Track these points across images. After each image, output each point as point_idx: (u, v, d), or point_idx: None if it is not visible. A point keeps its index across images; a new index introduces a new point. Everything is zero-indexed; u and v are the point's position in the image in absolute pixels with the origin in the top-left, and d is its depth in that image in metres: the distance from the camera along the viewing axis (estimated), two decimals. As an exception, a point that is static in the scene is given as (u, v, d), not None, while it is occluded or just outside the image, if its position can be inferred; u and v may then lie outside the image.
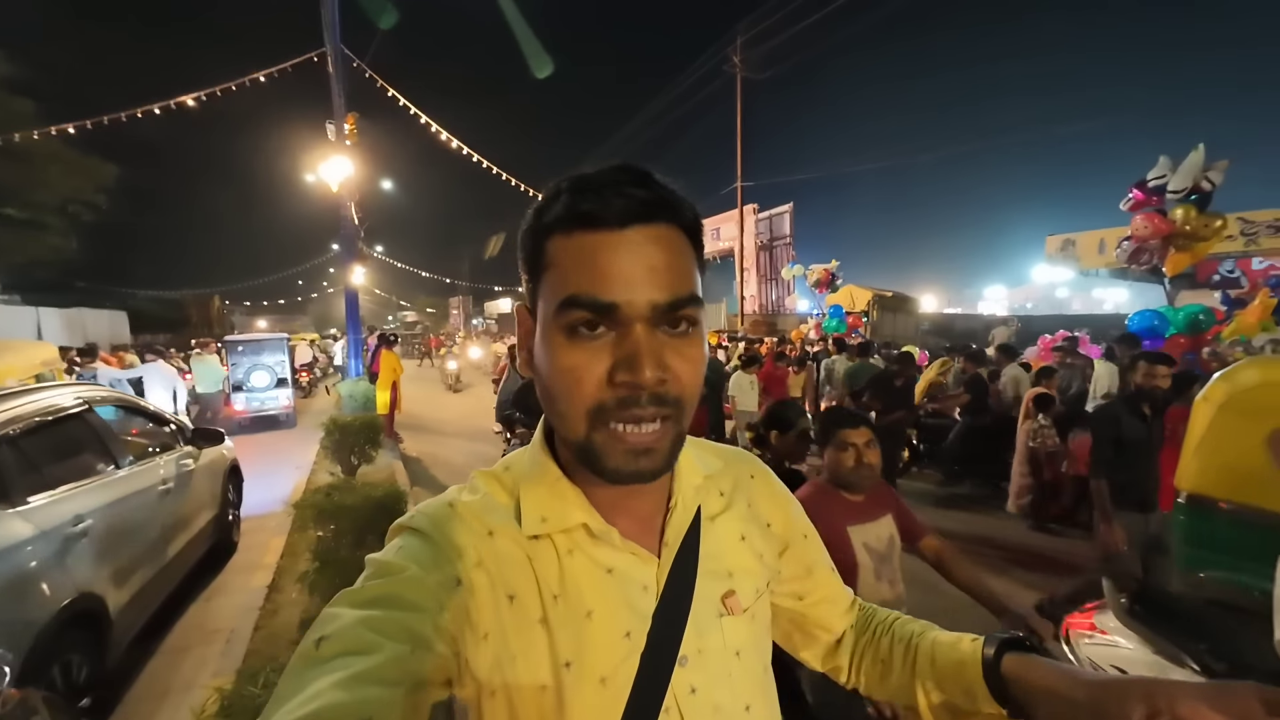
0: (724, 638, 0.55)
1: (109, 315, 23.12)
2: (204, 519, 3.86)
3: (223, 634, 3.13)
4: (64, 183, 19.51)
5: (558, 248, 0.47)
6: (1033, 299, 38.12)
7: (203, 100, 10.59)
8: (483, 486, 0.55)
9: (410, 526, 0.51)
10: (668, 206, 0.48)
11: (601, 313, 0.45)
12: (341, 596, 0.45)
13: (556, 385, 0.47)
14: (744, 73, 16.36)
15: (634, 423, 0.45)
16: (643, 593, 0.52)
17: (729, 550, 0.59)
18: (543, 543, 0.51)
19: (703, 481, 0.59)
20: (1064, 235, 13.27)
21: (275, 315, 54.50)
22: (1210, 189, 5.76)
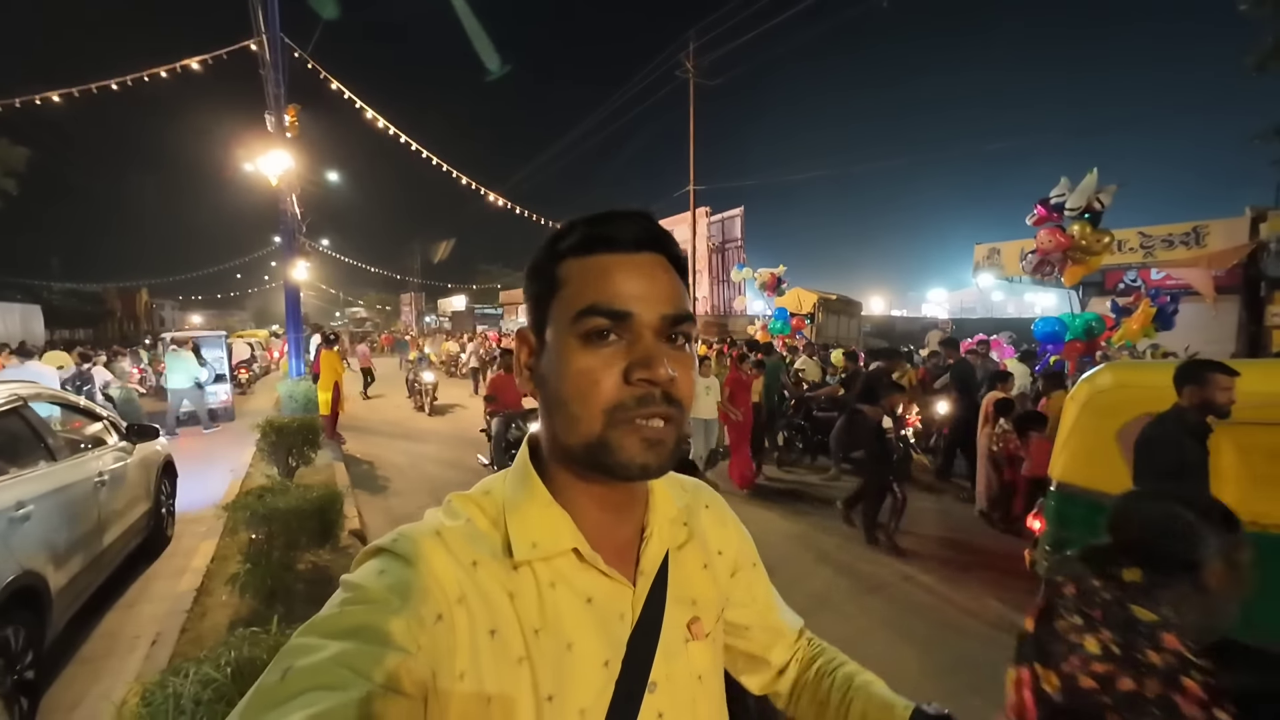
0: (689, 663, 0.57)
1: (20, 309, 21.43)
2: (138, 511, 4.01)
3: (146, 639, 3.08)
4: (-34, 165, 17.94)
5: (574, 268, 0.52)
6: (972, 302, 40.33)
7: (128, 85, 10.01)
8: (463, 512, 0.54)
9: (393, 551, 0.49)
10: (667, 240, 0.55)
11: (617, 320, 0.49)
12: (315, 624, 0.44)
13: (572, 387, 0.50)
14: (697, 78, 16.70)
15: (650, 417, 0.49)
16: (619, 621, 0.54)
17: (693, 578, 0.61)
18: (525, 575, 0.51)
19: (676, 513, 0.62)
20: (990, 244, 14.17)
21: (211, 310, 51.67)
22: (1101, 208, 6.41)
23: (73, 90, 9.67)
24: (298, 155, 10.04)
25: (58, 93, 9.84)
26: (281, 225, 10.11)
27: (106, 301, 36.70)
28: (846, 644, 0.79)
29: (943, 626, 3.37)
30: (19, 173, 19.22)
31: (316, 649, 0.40)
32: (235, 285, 51.79)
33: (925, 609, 3.57)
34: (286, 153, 9.74)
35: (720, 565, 0.67)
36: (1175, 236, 11.23)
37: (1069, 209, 6.45)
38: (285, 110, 9.79)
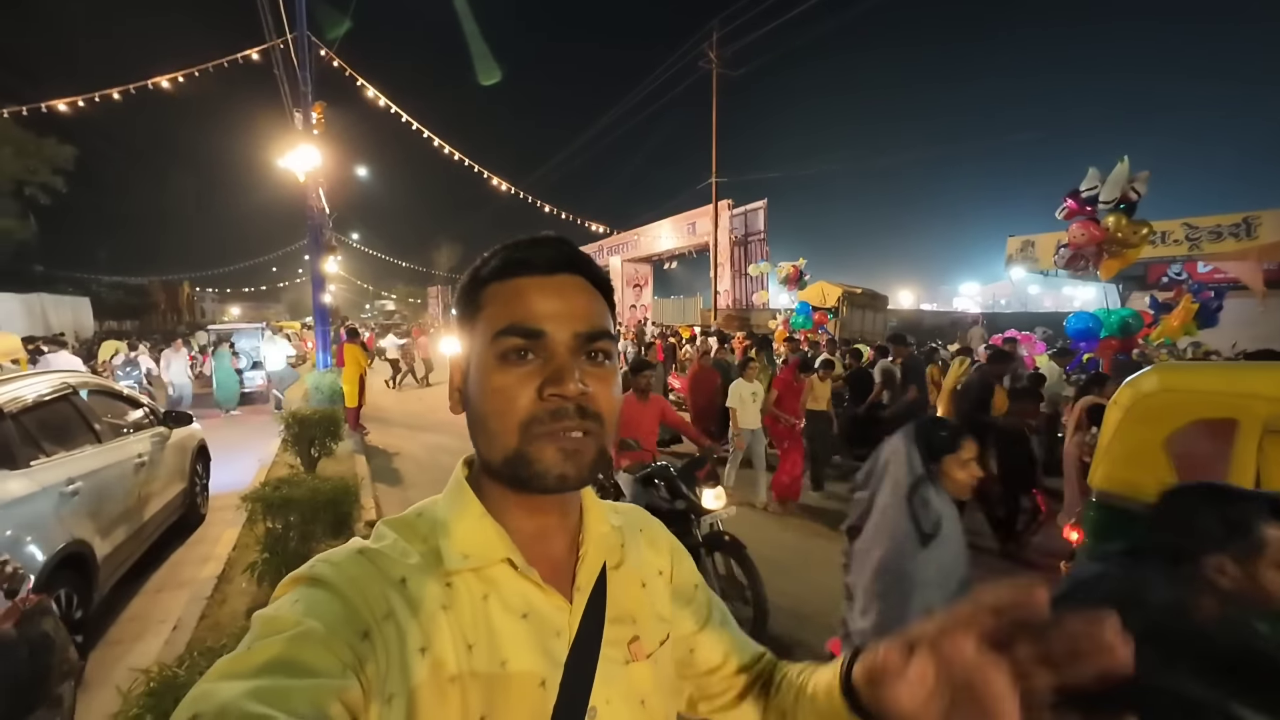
0: (631, 686, 0.56)
1: (71, 302, 22.50)
2: (174, 490, 4.38)
3: (169, 624, 3.21)
4: (15, 163, 18.79)
5: (493, 292, 0.54)
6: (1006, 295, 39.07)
7: (166, 85, 10.36)
8: (390, 534, 0.53)
9: (310, 577, 0.47)
10: (585, 263, 0.56)
11: (532, 339, 0.51)
12: (222, 665, 0.40)
13: (490, 404, 0.51)
14: (720, 69, 16.45)
15: (564, 430, 0.50)
16: (556, 639, 0.53)
17: (632, 597, 0.60)
18: (458, 588, 0.50)
19: (609, 530, 0.61)
20: (1024, 236, 13.68)
21: (248, 303, 53.34)
22: (1136, 198, 6.09)
23: (112, 91, 10.04)
24: (324, 151, 10.25)
25: (100, 94, 10.24)
26: (309, 220, 10.35)
27: (151, 294, 38.28)
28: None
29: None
30: (67, 170, 20.10)
31: (225, 691, 0.37)
32: (271, 278, 53.45)
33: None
34: (314, 149, 9.94)
35: (660, 586, 0.65)
36: (1224, 228, 10.66)
37: (1103, 201, 6.16)
38: (312, 108, 10.01)
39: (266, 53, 9.81)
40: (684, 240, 19.90)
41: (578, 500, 0.60)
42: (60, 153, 19.80)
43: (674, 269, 22.59)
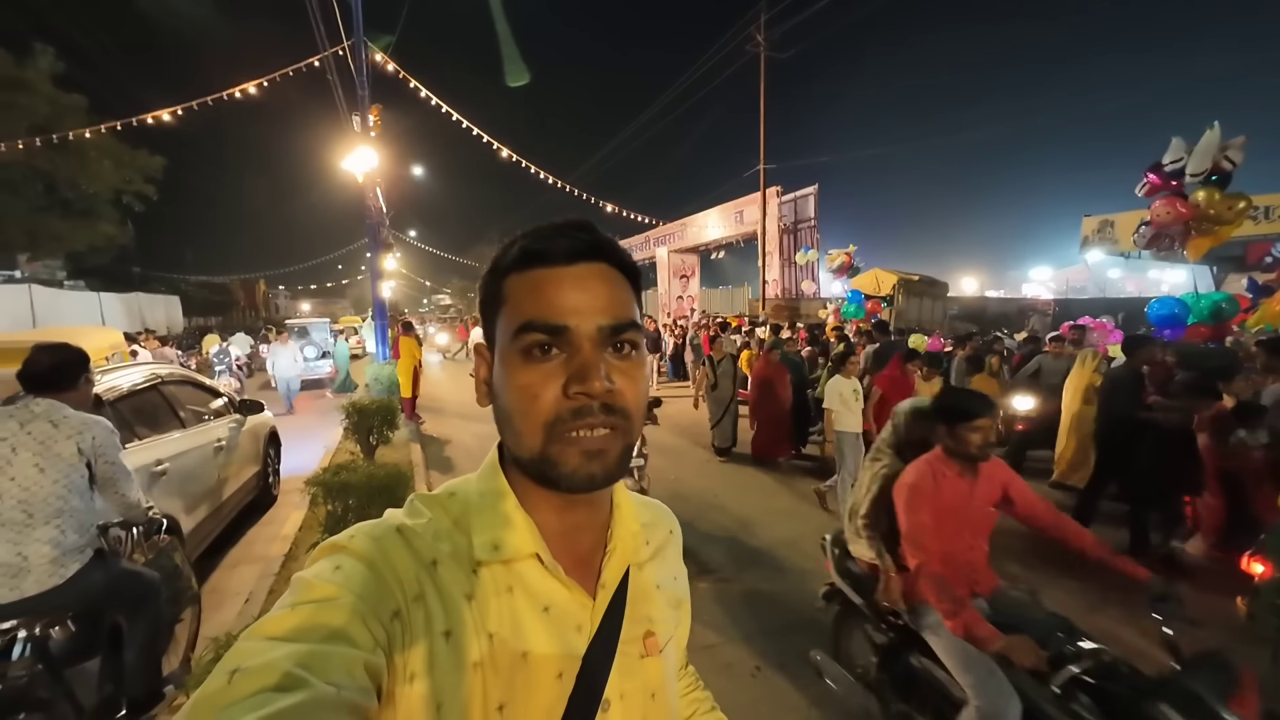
0: (644, 680, 0.57)
1: (164, 300, 24.56)
2: (249, 473, 4.70)
3: (242, 597, 3.47)
4: (115, 174, 20.61)
5: (513, 285, 0.52)
6: (1081, 280, 36.36)
7: (238, 96, 11.06)
8: (426, 511, 0.54)
9: (349, 548, 0.48)
10: (607, 249, 0.54)
11: (554, 334, 0.49)
12: (263, 625, 0.42)
13: (514, 403, 0.50)
14: (768, 52, 16.00)
15: (587, 429, 0.49)
16: (576, 633, 0.53)
17: (650, 595, 0.62)
18: (484, 577, 0.51)
19: (638, 529, 0.62)
20: (1101, 216, 12.66)
21: (317, 298, 56.54)
22: (1230, 169, 5.47)
23: (192, 104, 10.80)
24: (381, 152, 10.69)
25: (182, 106, 11.05)
26: (367, 220, 10.84)
27: (231, 292, 41.23)
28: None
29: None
30: (157, 179, 21.85)
31: (265, 650, 0.39)
32: (336, 275, 56.39)
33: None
34: (371, 150, 10.39)
35: (672, 590, 0.67)
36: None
37: (1191, 174, 5.59)
38: (369, 110, 10.44)
39: (324, 59, 10.29)
40: (731, 229, 19.55)
41: (608, 494, 0.59)
42: (151, 163, 21.53)
43: (721, 259, 22.25)
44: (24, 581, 1.89)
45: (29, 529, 1.91)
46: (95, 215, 21.33)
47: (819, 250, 16.00)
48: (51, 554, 1.94)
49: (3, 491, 1.90)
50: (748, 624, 3.26)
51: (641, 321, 0.56)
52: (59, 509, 1.97)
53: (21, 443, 1.95)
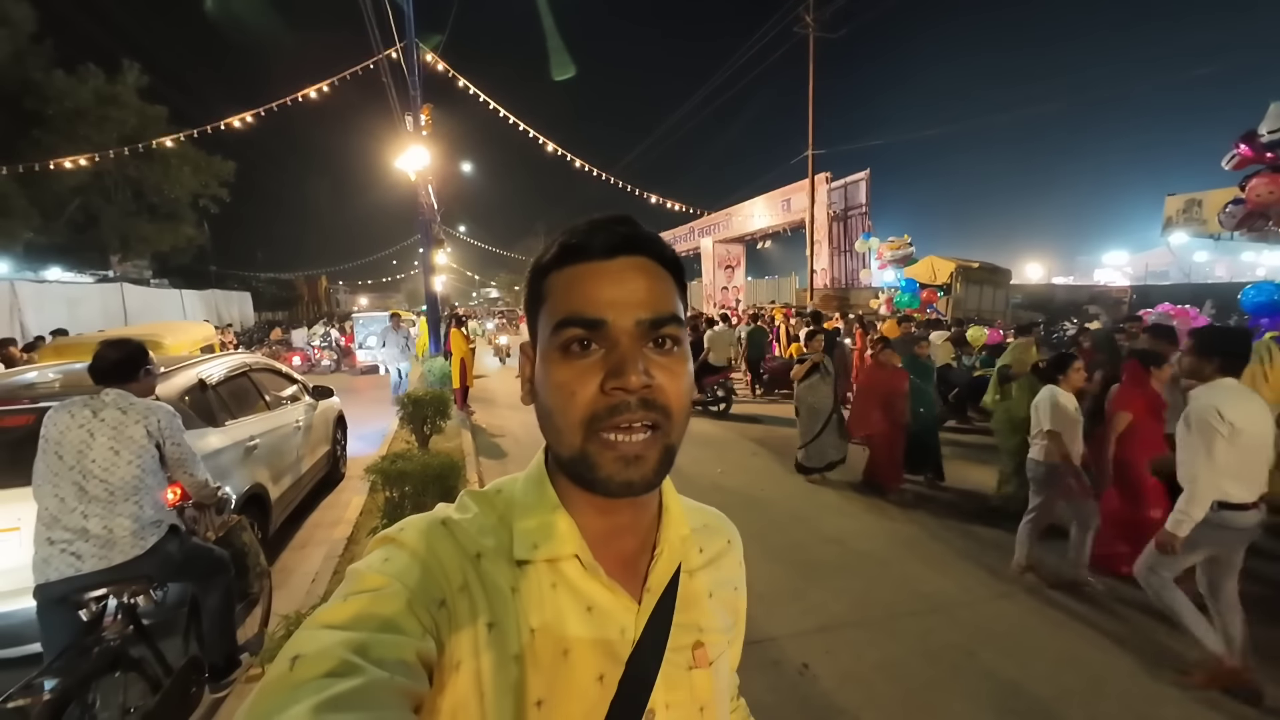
0: (693, 692, 0.55)
1: (237, 296, 26.25)
2: (321, 451, 5.22)
3: (309, 576, 3.69)
4: (194, 179, 22.11)
5: (553, 282, 0.52)
6: (1163, 265, 33.61)
7: (301, 100, 11.62)
8: (473, 506, 0.55)
9: (398, 540, 0.50)
10: (648, 242, 0.53)
11: (592, 329, 0.49)
12: (321, 615, 0.44)
13: (553, 400, 0.50)
14: (817, 33, 15.46)
15: (625, 429, 0.48)
16: (620, 636, 0.52)
17: (701, 604, 0.60)
18: (528, 573, 0.51)
19: (689, 534, 0.61)
20: (1187, 195, 11.61)
21: (374, 293, 59.00)
22: (1344, 141, 4.91)
23: (260, 110, 11.42)
24: (432, 150, 11.01)
25: (251, 113, 11.71)
26: (420, 216, 11.21)
27: (297, 287, 43.61)
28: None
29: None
30: (230, 183, 23.33)
31: (323, 638, 0.41)
32: (391, 270, 58.61)
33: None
34: (423, 149, 10.71)
35: (730, 600, 0.65)
36: None
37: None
38: (421, 110, 10.77)
39: (379, 62, 10.66)
40: (778, 218, 19.12)
41: (654, 497, 0.58)
42: (224, 168, 23.03)
43: (768, 248, 21.84)
44: (111, 551, 2.11)
45: (112, 505, 2.13)
46: (177, 218, 23.01)
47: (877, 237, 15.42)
48: (132, 527, 2.15)
49: (86, 472, 2.11)
50: (799, 622, 3.22)
51: (685, 316, 0.54)
52: (136, 487, 2.18)
53: (97, 429, 2.14)
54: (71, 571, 2.06)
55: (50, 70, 18.32)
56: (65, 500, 2.09)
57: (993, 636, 3.05)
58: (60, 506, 2.09)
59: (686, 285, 0.57)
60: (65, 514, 2.08)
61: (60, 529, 2.08)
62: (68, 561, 2.06)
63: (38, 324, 12.98)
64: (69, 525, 2.08)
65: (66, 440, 2.12)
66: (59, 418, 2.14)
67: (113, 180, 20.35)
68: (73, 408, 2.16)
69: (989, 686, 2.69)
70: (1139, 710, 2.55)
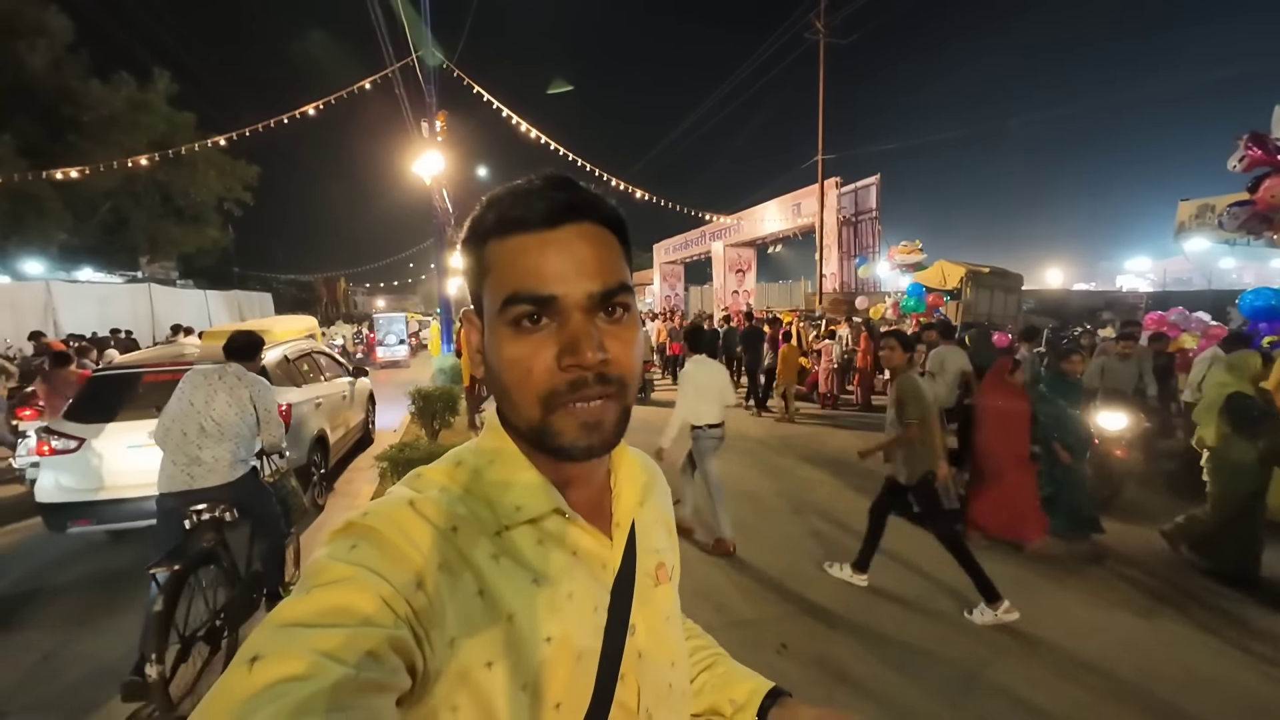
0: (658, 605, 0.62)
1: (258, 297, 26.91)
2: (359, 417, 6.86)
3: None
4: (219, 183, 22.81)
5: (495, 252, 0.51)
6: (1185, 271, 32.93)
7: (322, 108, 12.02)
8: (436, 482, 0.54)
9: (364, 524, 0.48)
10: (590, 205, 0.52)
11: (542, 305, 0.48)
12: (283, 608, 0.42)
13: (508, 376, 0.50)
14: (828, 38, 15.58)
15: (584, 401, 0.49)
16: (603, 570, 0.57)
17: (653, 529, 0.66)
18: (512, 537, 0.52)
19: (638, 470, 0.66)
20: (1201, 200, 11.50)
21: (390, 295, 60.00)
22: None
23: (283, 118, 11.83)
24: (446, 156, 11.33)
25: (274, 120, 12.13)
26: (434, 220, 11.53)
27: (316, 289, 44.56)
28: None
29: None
30: (253, 186, 24.03)
31: (284, 637, 0.39)
32: (408, 273, 59.59)
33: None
34: (438, 154, 11.04)
35: (668, 523, 0.72)
36: None
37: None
38: (436, 116, 11.09)
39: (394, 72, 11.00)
40: (789, 222, 19.20)
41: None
42: (248, 172, 23.73)
43: (779, 252, 21.90)
44: (213, 476, 2.82)
45: (220, 442, 2.85)
46: (203, 221, 23.74)
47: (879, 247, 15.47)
48: (230, 460, 2.88)
49: (207, 416, 2.84)
50: (778, 605, 3.37)
51: (630, 276, 0.55)
52: (237, 432, 2.90)
53: (219, 388, 2.90)
54: (184, 487, 2.78)
55: (86, 79, 19.10)
56: (188, 434, 2.81)
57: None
58: (183, 439, 2.80)
59: (629, 241, 0.56)
60: (186, 445, 2.80)
61: (181, 454, 2.80)
62: (183, 479, 2.78)
63: (70, 322, 13.53)
64: (187, 452, 2.80)
65: (198, 393, 2.87)
66: (195, 377, 2.91)
67: (142, 184, 21.09)
68: (206, 371, 2.94)
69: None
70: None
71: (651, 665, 0.58)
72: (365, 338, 18.78)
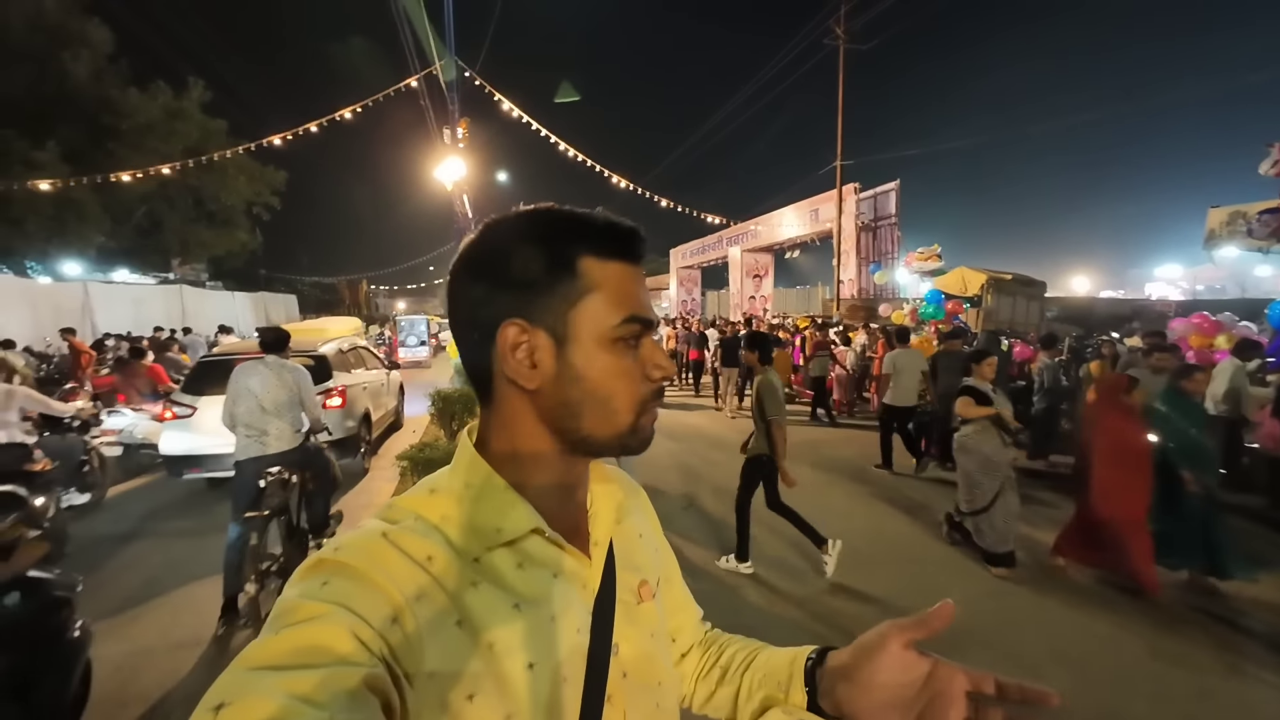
0: (642, 624, 0.61)
1: (283, 299, 27.60)
2: (392, 403, 8.21)
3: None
4: (248, 188, 23.47)
5: (602, 272, 0.54)
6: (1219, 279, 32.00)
7: (348, 116, 12.35)
8: (410, 512, 0.54)
9: (336, 560, 0.47)
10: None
11: (647, 328, 0.56)
12: (252, 651, 0.40)
13: (612, 386, 0.55)
14: (847, 44, 15.54)
15: (656, 405, 0.59)
16: (583, 590, 0.57)
17: (634, 546, 0.67)
18: (489, 561, 0.52)
19: (615, 487, 0.67)
20: (1232, 207, 11.21)
21: (411, 297, 60.91)
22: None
23: (310, 126, 12.18)
24: (468, 161, 11.55)
25: (302, 127, 12.49)
26: (455, 224, 11.75)
27: (339, 291, 45.52)
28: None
29: None
30: (280, 191, 24.66)
31: (252, 681, 0.38)
32: (428, 276, 60.47)
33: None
34: (460, 160, 11.27)
35: (652, 538, 0.73)
36: None
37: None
38: (459, 124, 11.33)
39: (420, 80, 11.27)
40: (807, 227, 19.13)
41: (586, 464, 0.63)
42: (276, 177, 24.37)
43: (797, 258, 21.81)
44: (279, 443, 3.56)
45: (279, 416, 3.58)
46: (233, 224, 24.44)
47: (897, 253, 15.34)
48: (289, 430, 3.62)
49: (264, 397, 3.53)
50: (799, 615, 3.38)
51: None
52: (289, 407, 3.62)
53: (267, 374, 3.59)
54: (256, 453, 3.49)
55: (125, 88, 19.83)
56: (252, 411, 3.50)
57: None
58: (248, 415, 3.50)
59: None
60: (253, 419, 3.50)
61: (250, 427, 3.50)
62: (255, 447, 3.49)
63: (106, 322, 14.02)
64: (255, 425, 3.50)
65: (253, 379, 3.55)
66: (251, 365, 3.62)
67: (176, 189, 21.79)
68: (256, 362, 3.65)
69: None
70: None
71: (637, 686, 0.58)
72: (388, 339, 19.20)
